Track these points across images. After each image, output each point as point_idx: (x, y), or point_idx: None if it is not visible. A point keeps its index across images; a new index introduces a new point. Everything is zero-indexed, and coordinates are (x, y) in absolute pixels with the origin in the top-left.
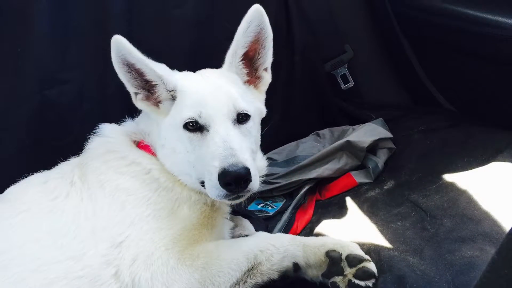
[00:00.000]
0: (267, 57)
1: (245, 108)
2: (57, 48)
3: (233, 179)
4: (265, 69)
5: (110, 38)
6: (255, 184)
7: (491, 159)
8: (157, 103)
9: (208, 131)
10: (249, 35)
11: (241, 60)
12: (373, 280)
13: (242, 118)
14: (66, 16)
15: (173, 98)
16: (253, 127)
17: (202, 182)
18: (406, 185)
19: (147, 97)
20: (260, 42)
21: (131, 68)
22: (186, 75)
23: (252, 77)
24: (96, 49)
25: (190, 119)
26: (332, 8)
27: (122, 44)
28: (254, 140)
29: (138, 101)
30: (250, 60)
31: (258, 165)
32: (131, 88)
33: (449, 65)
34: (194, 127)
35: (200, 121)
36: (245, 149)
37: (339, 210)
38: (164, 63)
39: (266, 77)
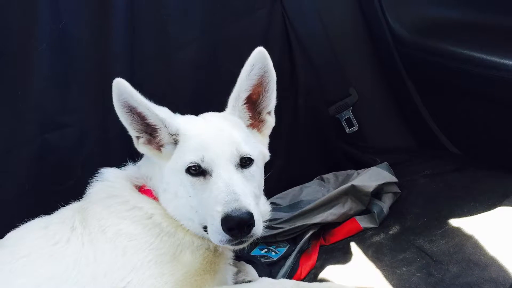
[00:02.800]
0: (271, 101)
1: (248, 152)
2: (58, 91)
3: (236, 224)
4: (269, 113)
5: (111, 81)
6: (259, 229)
7: (498, 204)
8: (159, 147)
9: (210, 175)
10: (253, 78)
11: (244, 104)
12: None
13: (245, 162)
14: (66, 59)
15: (175, 142)
16: (257, 171)
17: (205, 227)
18: (411, 230)
19: (149, 141)
20: (263, 85)
21: (133, 111)
22: (189, 118)
23: (255, 120)
24: (97, 92)
25: (192, 163)
26: (336, 51)
27: (123, 87)
28: (257, 184)
29: (140, 145)
30: (253, 103)
31: (261, 210)
32: (132, 132)
33: (455, 107)
34: (197, 171)
35: (203, 165)
36: (248, 193)
37: (343, 256)
38: (166, 105)
39: (270, 121)
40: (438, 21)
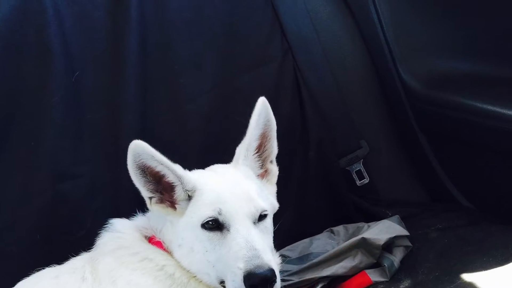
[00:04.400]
0: (273, 149)
1: (265, 208)
2: (70, 142)
3: (260, 282)
4: (271, 161)
5: (123, 131)
6: (279, 284)
7: (511, 259)
8: (172, 204)
9: (228, 230)
10: (260, 127)
11: (255, 153)
12: None
13: (260, 216)
14: (79, 110)
15: (189, 198)
16: (270, 223)
17: (222, 282)
18: (423, 285)
19: (161, 200)
20: (266, 135)
21: (146, 172)
22: (201, 173)
23: (261, 170)
24: (109, 143)
25: (210, 217)
26: (347, 103)
27: (142, 148)
28: (271, 236)
29: (153, 205)
30: (257, 153)
31: None
32: (146, 192)
33: (468, 161)
34: (213, 225)
35: (220, 218)
36: (267, 248)
37: None
38: (176, 156)
39: (274, 169)
40: (451, 73)
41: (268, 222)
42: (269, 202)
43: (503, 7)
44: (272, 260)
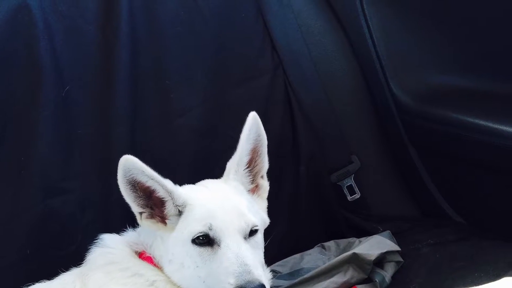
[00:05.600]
0: (264, 164)
1: (256, 223)
2: (61, 156)
3: None
4: (262, 176)
5: (113, 146)
6: None
7: (503, 274)
8: (163, 219)
9: (219, 245)
10: (250, 142)
11: (245, 168)
12: None
13: (251, 231)
14: (69, 125)
15: (180, 213)
16: (261, 238)
17: None
18: None
19: (152, 215)
20: (257, 150)
21: (137, 187)
22: (192, 188)
23: (252, 185)
24: (99, 157)
25: (200, 233)
26: (338, 118)
27: (133, 163)
28: (262, 251)
29: (144, 220)
30: (248, 168)
31: None
32: (136, 208)
33: (459, 176)
34: (204, 241)
35: (211, 234)
36: (257, 263)
37: None
38: (167, 171)
39: (265, 184)
40: (442, 88)
41: (259, 237)
42: (260, 217)
43: (493, 23)
44: (263, 275)
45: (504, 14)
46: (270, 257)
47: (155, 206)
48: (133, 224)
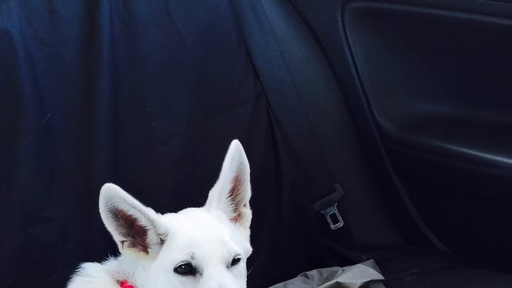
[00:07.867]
0: (247, 192)
1: (238, 252)
2: (42, 185)
3: None
4: (245, 205)
5: (95, 174)
6: None
7: None
8: (145, 248)
9: (201, 274)
10: (233, 170)
11: (228, 197)
12: None
13: (234, 261)
14: (51, 153)
15: (162, 242)
16: (244, 267)
17: None
18: None
19: (133, 244)
20: (239, 178)
21: (118, 215)
22: (174, 216)
23: (235, 213)
24: (81, 185)
25: (183, 261)
26: (321, 146)
27: (114, 191)
28: (245, 281)
29: (125, 249)
30: (230, 196)
31: None
32: (118, 236)
33: (443, 204)
34: (186, 269)
35: (193, 263)
36: None
37: None
38: (148, 199)
39: (248, 213)
40: (426, 116)
41: (242, 266)
42: (243, 246)
43: (476, 52)
44: None
45: (484, 45)
46: (253, 286)
47: (137, 234)
48: (115, 253)
